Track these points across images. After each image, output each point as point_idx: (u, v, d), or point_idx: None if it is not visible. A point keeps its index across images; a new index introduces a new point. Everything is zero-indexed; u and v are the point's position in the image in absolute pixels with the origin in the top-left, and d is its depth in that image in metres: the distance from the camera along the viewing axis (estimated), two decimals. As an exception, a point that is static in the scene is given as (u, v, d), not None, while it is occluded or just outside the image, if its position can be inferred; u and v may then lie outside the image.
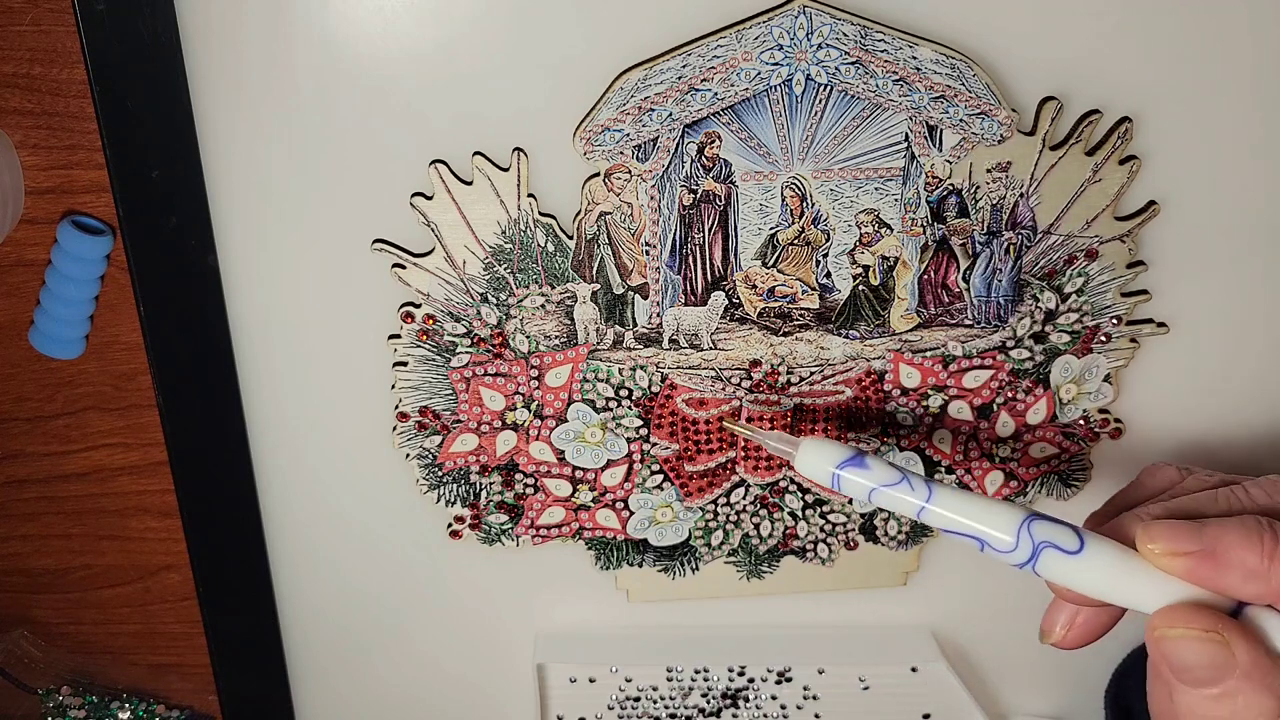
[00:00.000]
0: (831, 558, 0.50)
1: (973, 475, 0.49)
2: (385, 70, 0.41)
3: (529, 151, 0.42)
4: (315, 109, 0.41)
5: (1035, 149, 0.43)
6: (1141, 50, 0.42)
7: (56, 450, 0.49)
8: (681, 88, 0.41)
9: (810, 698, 0.52)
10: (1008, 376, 0.47)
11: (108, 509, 0.51)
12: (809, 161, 0.42)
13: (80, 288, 0.45)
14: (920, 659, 0.52)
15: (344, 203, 0.43)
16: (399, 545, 0.50)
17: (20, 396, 0.48)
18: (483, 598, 0.52)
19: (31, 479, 0.50)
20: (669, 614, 0.52)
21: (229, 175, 0.42)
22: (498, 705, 0.54)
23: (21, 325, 0.46)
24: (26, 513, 0.51)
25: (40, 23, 0.41)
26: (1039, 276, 0.45)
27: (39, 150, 0.43)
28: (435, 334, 0.44)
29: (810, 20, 0.40)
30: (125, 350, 0.47)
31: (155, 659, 0.54)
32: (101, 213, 0.44)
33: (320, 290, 0.45)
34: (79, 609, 0.53)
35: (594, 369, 0.46)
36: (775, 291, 0.45)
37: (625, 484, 0.48)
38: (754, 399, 0.46)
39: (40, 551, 0.51)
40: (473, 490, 0.48)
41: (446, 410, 0.46)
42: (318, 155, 0.42)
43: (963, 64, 0.41)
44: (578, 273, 0.44)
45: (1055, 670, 0.55)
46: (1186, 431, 0.50)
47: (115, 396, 0.48)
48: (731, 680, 0.52)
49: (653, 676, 0.51)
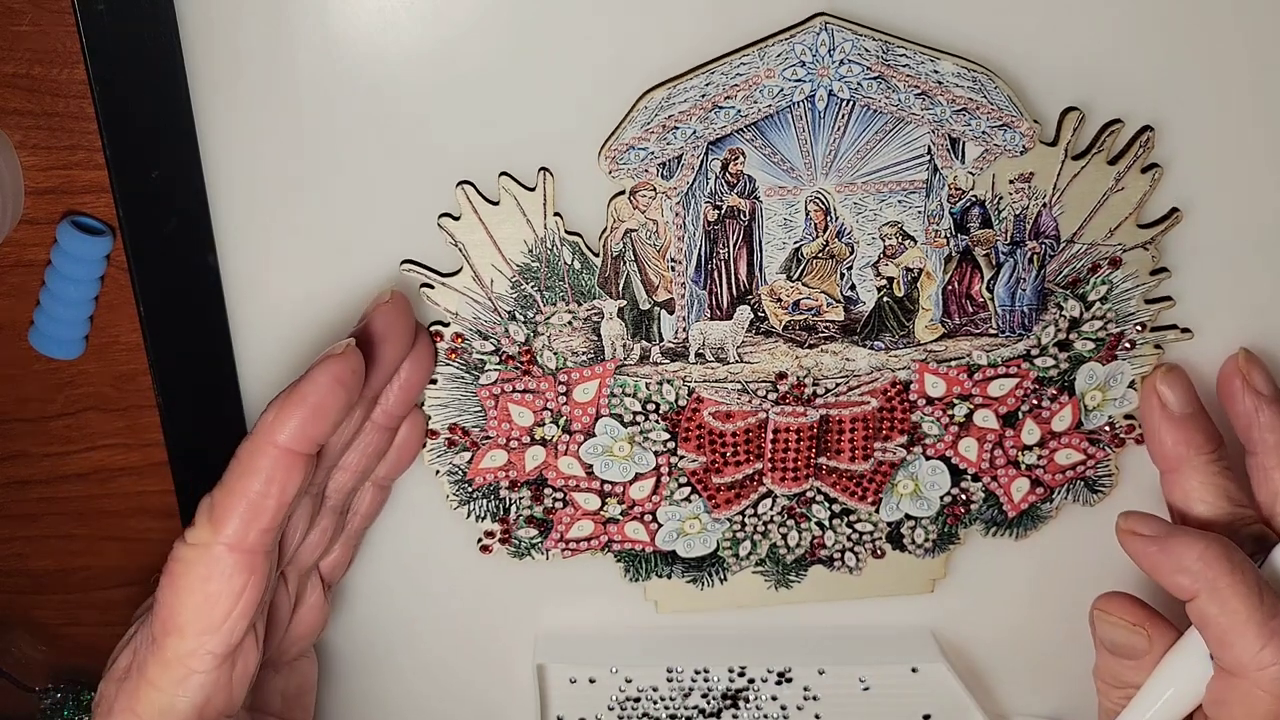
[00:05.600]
0: (859, 566, 0.51)
1: (999, 483, 0.49)
2: (385, 71, 0.41)
3: (554, 170, 0.42)
4: (316, 109, 0.41)
5: (1058, 159, 0.43)
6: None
7: (57, 451, 0.49)
8: (705, 106, 0.41)
9: (810, 698, 0.52)
10: (1033, 384, 0.47)
11: (108, 510, 0.50)
12: (832, 176, 0.43)
13: (80, 288, 0.45)
14: (920, 659, 0.52)
15: (345, 203, 0.43)
16: (399, 544, 0.50)
17: (20, 397, 0.48)
18: (484, 599, 0.52)
19: (32, 480, 0.50)
20: (669, 616, 0.52)
21: (229, 175, 0.42)
22: (499, 707, 0.54)
23: (21, 326, 0.46)
24: (27, 513, 0.50)
25: (40, 23, 0.41)
26: (1063, 285, 0.45)
27: (39, 150, 0.43)
28: (464, 352, 0.45)
29: (832, 37, 0.40)
30: (125, 350, 0.47)
31: None
32: (101, 213, 0.44)
33: (320, 290, 0.44)
34: (80, 610, 0.53)
35: (621, 384, 0.46)
36: (800, 304, 0.45)
37: (653, 497, 0.48)
38: (780, 411, 0.47)
39: (41, 552, 0.51)
40: (502, 505, 0.48)
41: (475, 427, 0.46)
42: (319, 155, 0.42)
43: (984, 77, 0.41)
44: (604, 289, 0.44)
45: (1055, 670, 0.55)
46: (1212, 435, 0.50)
47: (115, 397, 0.48)
48: (731, 681, 0.52)
49: (653, 677, 0.51)
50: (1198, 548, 0.41)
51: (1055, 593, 0.53)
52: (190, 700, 0.39)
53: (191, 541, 0.39)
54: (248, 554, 0.38)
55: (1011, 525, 0.50)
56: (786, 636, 0.53)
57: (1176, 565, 0.41)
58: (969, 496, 0.49)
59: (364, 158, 0.42)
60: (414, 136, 0.42)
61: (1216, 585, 0.40)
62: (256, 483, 0.38)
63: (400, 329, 0.42)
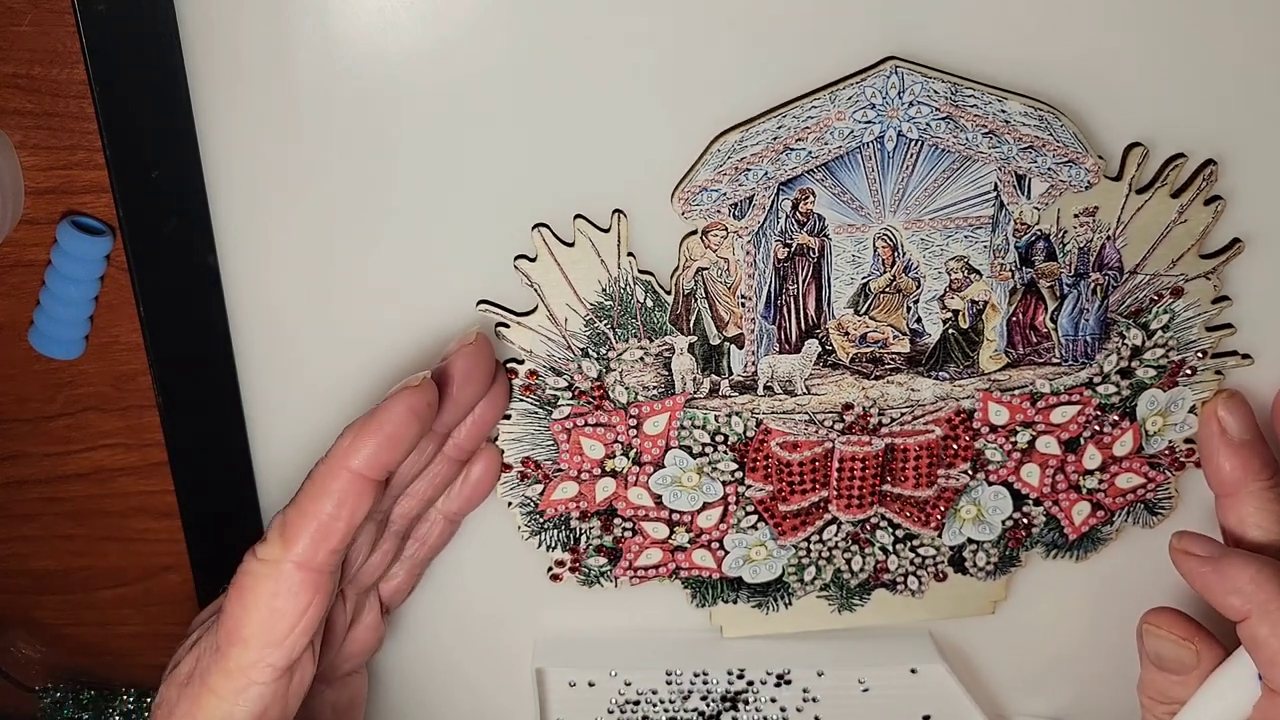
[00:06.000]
0: (922, 589, 0.52)
1: (1060, 506, 0.50)
2: (386, 72, 0.41)
3: (627, 212, 0.43)
4: (316, 109, 0.41)
5: (1122, 194, 0.44)
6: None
7: (56, 451, 0.49)
8: (777, 148, 0.42)
9: (810, 700, 0.52)
10: (1095, 411, 0.48)
11: (108, 510, 0.51)
12: (900, 213, 0.43)
13: (80, 288, 0.45)
14: (919, 660, 0.53)
15: (345, 203, 0.43)
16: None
17: (20, 397, 0.48)
18: (485, 599, 0.52)
19: (32, 480, 0.50)
20: (669, 618, 0.53)
21: (229, 175, 0.42)
22: (498, 711, 0.55)
23: (21, 326, 0.46)
24: (27, 514, 0.51)
25: (40, 23, 0.41)
26: (1125, 315, 0.46)
27: (39, 150, 0.43)
28: (538, 388, 0.46)
29: (902, 79, 0.41)
30: (125, 350, 0.47)
31: (155, 660, 0.53)
32: (101, 213, 0.45)
33: (321, 290, 0.45)
34: (80, 610, 0.53)
35: (691, 416, 0.47)
36: (867, 337, 0.46)
37: (720, 525, 0.49)
38: (846, 440, 0.48)
39: (41, 553, 0.52)
40: (573, 535, 0.49)
41: (548, 460, 0.47)
42: (318, 155, 0.42)
43: (1050, 115, 0.42)
44: (675, 326, 0.45)
45: (1055, 671, 0.56)
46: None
47: (115, 397, 0.48)
48: (731, 683, 0.52)
49: (652, 680, 0.52)
50: (1251, 569, 0.41)
51: (1035, 587, 0.53)
52: (248, 709, 0.40)
53: (262, 557, 0.40)
54: (315, 573, 0.39)
55: (1072, 547, 0.51)
56: (785, 639, 0.53)
57: (1229, 586, 0.42)
58: (1030, 520, 0.50)
59: (367, 158, 0.42)
60: (413, 137, 0.42)
61: (1269, 607, 0.41)
62: (328, 505, 0.39)
63: (481, 371, 0.43)
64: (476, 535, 0.50)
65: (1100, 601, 0.54)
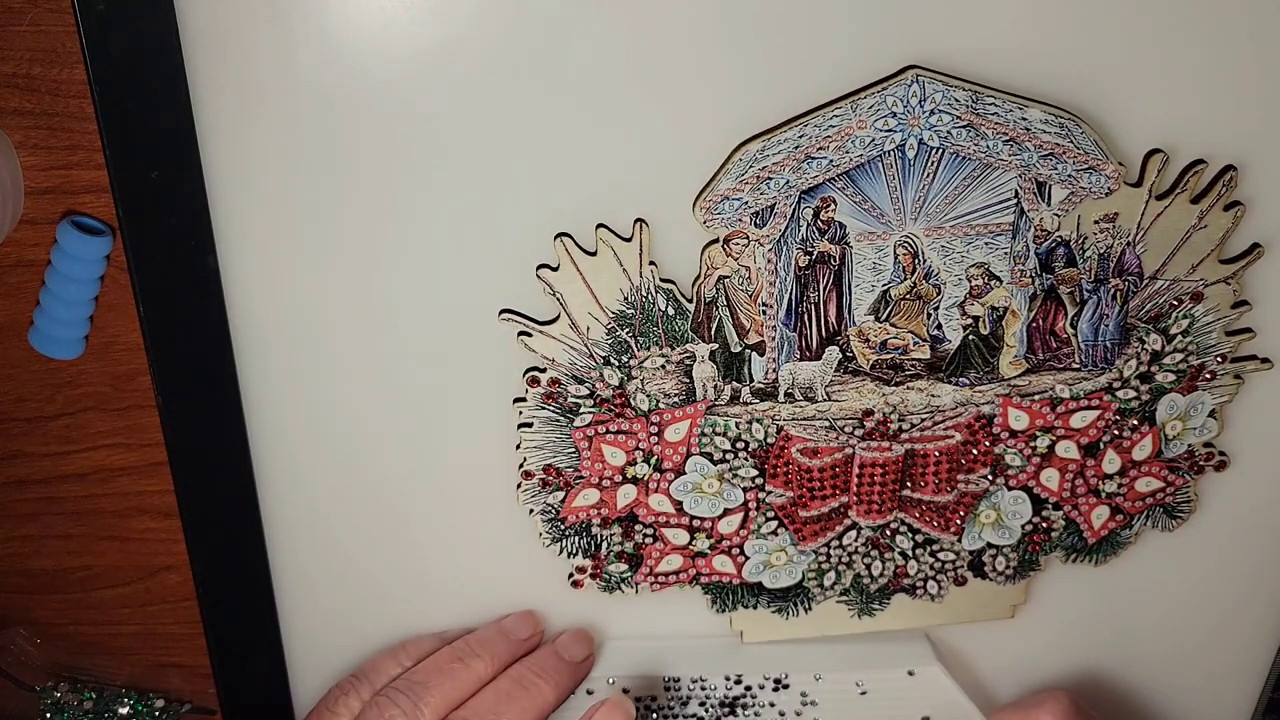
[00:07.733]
0: (941, 594, 0.52)
1: (1080, 511, 0.50)
2: (387, 72, 0.41)
3: (649, 221, 0.43)
4: (316, 109, 0.41)
5: (1142, 200, 0.44)
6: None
7: (56, 451, 0.49)
8: (798, 156, 0.42)
9: (809, 703, 0.53)
10: (1114, 416, 0.48)
11: (108, 509, 0.51)
12: (921, 220, 0.44)
13: (80, 288, 0.45)
14: (916, 663, 0.53)
15: (345, 202, 0.43)
16: (401, 542, 0.51)
17: (20, 397, 0.48)
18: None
19: (31, 479, 0.50)
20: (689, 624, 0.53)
21: (229, 175, 0.42)
22: None
23: (21, 325, 0.47)
24: (26, 513, 0.51)
25: (40, 23, 0.41)
26: (1145, 320, 0.46)
27: (39, 150, 0.43)
28: (560, 396, 0.46)
29: (923, 88, 0.41)
30: (125, 350, 0.47)
31: (155, 659, 0.55)
32: (101, 213, 0.45)
33: (321, 289, 0.45)
34: (79, 609, 0.53)
35: (712, 423, 0.47)
36: (887, 344, 0.46)
37: (741, 531, 0.49)
38: (866, 446, 0.48)
39: (40, 552, 0.52)
40: (594, 542, 0.49)
41: (569, 467, 0.48)
42: (318, 155, 0.42)
43: (1071, 122, 0.42)
44: (697, 333, 0.45)
45: (1074, 673, 0.56)
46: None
47: (115, 397, 0.48)
48: (729, 689, 0.53)
49: (650, 687, 0.52)
50: None
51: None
52: None
53: None
54: None
55: (1091, 551, 0.51)
56: (783, 643, 0.53)
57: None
58: (1050, 524, 0.50)
59: (366, 158, 0.42)
60: (413, 136, 0.42)
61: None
62: None
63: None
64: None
65: (1119, 604, 0.54)
